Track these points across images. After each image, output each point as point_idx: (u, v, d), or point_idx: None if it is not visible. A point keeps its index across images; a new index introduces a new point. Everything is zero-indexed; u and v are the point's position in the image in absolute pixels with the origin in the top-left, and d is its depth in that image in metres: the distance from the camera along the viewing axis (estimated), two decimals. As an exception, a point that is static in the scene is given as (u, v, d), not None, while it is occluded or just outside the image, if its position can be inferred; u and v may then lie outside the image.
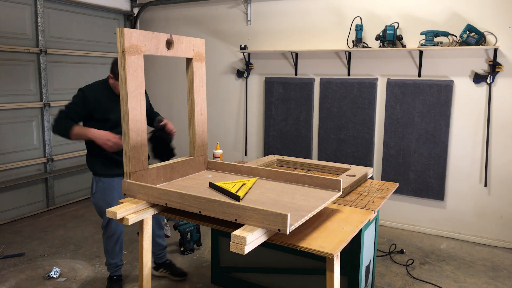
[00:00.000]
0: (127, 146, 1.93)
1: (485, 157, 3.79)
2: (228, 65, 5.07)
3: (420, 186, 4.07)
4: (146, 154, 2.00)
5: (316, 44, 4.44)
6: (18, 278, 3.17)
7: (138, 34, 1.90)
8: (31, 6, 4.43)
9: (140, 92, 1.96)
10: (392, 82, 4.09)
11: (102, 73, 5.17)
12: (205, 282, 3.11)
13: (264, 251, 2.61)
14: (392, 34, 3.86)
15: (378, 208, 2.20)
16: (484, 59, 3.73)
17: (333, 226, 1.84)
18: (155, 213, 1.93)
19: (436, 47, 3.71)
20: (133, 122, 1.95)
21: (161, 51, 2.04)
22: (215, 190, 2.01)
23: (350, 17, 4.20)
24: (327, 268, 1.68)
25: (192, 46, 2.22)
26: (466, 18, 3.73)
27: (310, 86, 4.51)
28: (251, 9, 4.80)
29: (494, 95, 3.72)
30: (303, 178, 2.14)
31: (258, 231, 1.56)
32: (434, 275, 3.24)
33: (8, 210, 4.35)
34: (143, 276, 2.13)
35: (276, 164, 3.10)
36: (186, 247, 3.58)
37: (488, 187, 3.83)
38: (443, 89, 3.87)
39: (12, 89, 4.28)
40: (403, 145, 4.10)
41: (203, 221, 1.82)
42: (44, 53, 4.53)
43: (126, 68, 1.87)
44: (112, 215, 1.80)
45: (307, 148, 4.61)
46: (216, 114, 5.19)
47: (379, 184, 2.62)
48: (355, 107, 4.29)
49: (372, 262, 2.66)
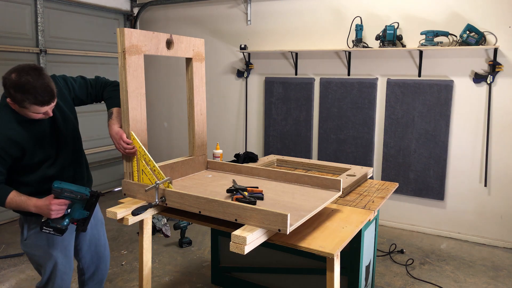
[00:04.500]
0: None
1: (485, 157, 3.79)
2: (228, 65, 5.07)
3: (420, 186, 4.07)
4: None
5: (316, 44, 4.44)
6: (18, 278, 3.17)
7: (138, 34, 1.90)
8: (31, 6, 4.43)
9: (140, 92, 1.96)
10: (392, 82, 4.09)
11: (102, 73, 5.16)
12: (205, 282, 3.11)
13: (264, 251, 2.61)
14: (392, 34, 3.86)
15: (378, 208, 2.20)
16: (484, 59, 3.73)
17: (333, 226, 1.84)
18: (155, 213, 1.93)
19: (436, 47, 3.71)
20: (134, 122, 1.95)
21: (161, 51, 2.04)
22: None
23: (350, 17, 4.20)
24: (327, 268, 1.68)
25: (192, 46, 2.22)
26: (466, 18, 3.73)
27: (310, 86, 4.51)
28: (251, 9, 4.79)
29: (494, 95, 3.71)
30: (303, 178, 2.14)
31: (258, 231, 1.56)
32: (434, 275, 3.24)
33: (8, 210, 4.35)
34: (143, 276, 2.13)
35: (276, 164, 3.10)
36: (184, 241, 3.72)
37: (488, 187, 3.83)
38: (443, 89, 3.87)
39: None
40: (403, 145, 4.10)
41: (203, 221, 1.82)
42: (44, 53, 4.53)
43: (126, 68, 1.87)
44: (112, 215, 1.80)
45: (307, 148, 4.61)
46: (216, 114, 5.19)
47: (379, 184, 2.62)
48: (355, 107, 4.29)
49: (372, 262, 2.65)
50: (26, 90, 1.69)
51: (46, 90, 1.72)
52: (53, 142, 1.94)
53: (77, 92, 2.06)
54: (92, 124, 5.03)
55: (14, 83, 1.69)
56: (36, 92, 1.70)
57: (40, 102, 1.72)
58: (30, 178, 1.91)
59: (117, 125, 1.98)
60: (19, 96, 1.70)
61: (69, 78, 2.07)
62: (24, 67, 1.74)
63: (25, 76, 1.70)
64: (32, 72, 1.72)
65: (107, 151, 5.33)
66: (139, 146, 1.93)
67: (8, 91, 1.73)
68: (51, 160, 1.95)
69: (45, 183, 1.94)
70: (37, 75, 1.72)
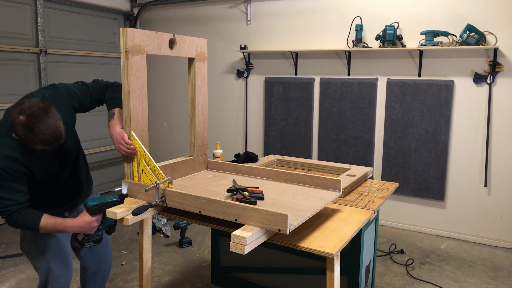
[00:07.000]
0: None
1: (485, 157, 3.80)
2: (228, 65, 5.07)
3: (420, 186, 4.07)
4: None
5: (316, 44, 4.44)
6: (18, 278, 3.17)
7: (141, 34, 1.90)
8: (31, 6, 4.43)
9: (142, 92, 1.96)
10: (392, 82, 4.09)
11: (102, 73, 5.17)
12: (205, 282, 3.11)
13: (264, 251, 2.61)
14: (392, 34, 3.86)
15: (378, 208, 2.20)
16: (484, 59, 3.73)
17: (333, 226, 1.84)
18: (155, 213, 1.93)
19: (436, 47, 3.71)
20: (135, 122, 1.95)
21: (163, 51, 2.04)
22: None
23: (350, 17, 4.20)
24: (327, 268, 1.69)
25: (195, 46, 2.22)
26: (466, 18, 3.73)
27: (310, 86, 4.51)
28: (251, 9, 4.80)
29: (494, 95, 3.72)
30: (303, 178, 2.14)
31: (258, 231, 1.56)
32: (434, 275, 3.25)
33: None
34: (143, 276, 2.14)
35: (276, 164, 3.10)
36: (183, 241, 3.73)
37: (488, 187, 3.83)
38: (443, 89, 3.87)
39: (12, 89, 4.28)
40: (403, 145, 4.10)
41: (203, 221, 1.82)
42: (44, 53, 4.53)
43: (129, 68, 1.87)
44: (112, 215, 1.80)
45: (307, 148, 4.61)
46: (216, 114, 5.19)
47: (379, 184, 2.62)
48: (355, 107, 4.29)
49: (372, 262, 2.66)
50: (36, 135, 1.67)
51: (55, 133, 1.72)
52: (57, 160, 1.96)
53: (82, 100, 2.05)
54: (92, 124, 5.03)
55: (23, 126, 1.67)
56: (46, 138, 1.69)
57: (50, 145, 1.73)
58: (34, 194, 1.92)
59: (119, 126, 1.98)
60: (28, 139, 1.69)
61: (71, 87, 2.05)
62: (33, 108, 1.69)
63: (34, 119, 1.67)
64: (41, 115, 1.68)
65: (107, 151, 5.33)
66: (140, 146, 1.94)
67: (16, 132, 1.70)
68: (56, 176, 1.97)
69: (48, 195, 1.99)
70: (46, 117, 1.69)
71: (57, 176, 1.98)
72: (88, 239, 1.91)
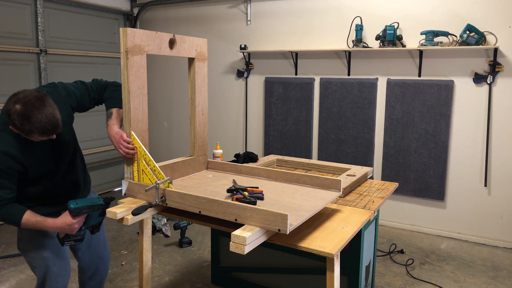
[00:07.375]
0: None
1: (485, 157, 3.80)
2: (228, 65, 5.07)
3: (420, 186, 4.07)
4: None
5: (316, 44, 4.44)
6: (18, 278, 3.17)
7: (141, 34, 1.90)
8: (31, 6, 4.43)
9: (142, 92, 1.96)
10: (392, 82, 4.09)
11: (102, 73, 5.17)
12: (205, 282, 3.11)
13: (264, 251, 2.61)
14: (392, 34, 3.86)
15: (378, 208, 2.20)
16: (484, 59, 3.73)
17: (333, 226, 1.84)
18: (155, 213, 1.93)
19: (436, 47, 3.71)
20: (135, 122, 1.95)
21: (163, 51, 2.04)
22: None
23: (350, 17, 4.20)
24: (327, 268, 1.69)
25: (195, 46, 2.22)
26: (466, 18, 3.73)
27: (310, 86, 4.51)
28: (251, 9, 4.80)
29: (494, 95, 3.72)
30: (303, 178, 2.14)
31: (258, 231, 1.56)
32: (434, 275, 3.25)
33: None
34: (143, 276, 2.14)
35: (276, 164, 3.10)
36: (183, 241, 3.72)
37: (488, 187, 3.83)
38: (443, 89, 3.87)
39: (12, 89, 4.22)
40: (403, 145, 4.10)
41: (203, 221, 1.82)
42: (44, 53, 4.53)
43: (129, 68, 1.87)
44: (112, 215, 1.80)
45: (307, 148, 4.61)
46: (216, 114, 5.19)
47: (379, 184, 2.62)
48: (355, 107, 4.29)
49: (372, 262, 2.66)
50: (33, 123, 1.67)
51: (52, 121, 1.71)
52: (53, 158, 1.94)
53: (80, 99, 2.04)
54: (92, 125, 5.03)
55: (20, 115, 1.66)
56: (42, 125, 1.68)
57: (47, 133, 1.72)
58: (29, 191, 1.92)
59: (117, 126, 1.97)
60: (25, 128, 1.68)
61: (70, 86, 2.04)
62: (28, 97, 1.69)
63: (31, 107, 1.67)
64: (37, 103, 1.68)
65: (107, 151, 5.33)
66: (139, 146, 1.94)
67: (13, 122, 1.69)
68: (51, 174, 1.96)
69: (44, 194, 1.97)
70: (42, 106, 1.69)
71: (53, 175, 1.96)
72: (69, 238, 1.89)
